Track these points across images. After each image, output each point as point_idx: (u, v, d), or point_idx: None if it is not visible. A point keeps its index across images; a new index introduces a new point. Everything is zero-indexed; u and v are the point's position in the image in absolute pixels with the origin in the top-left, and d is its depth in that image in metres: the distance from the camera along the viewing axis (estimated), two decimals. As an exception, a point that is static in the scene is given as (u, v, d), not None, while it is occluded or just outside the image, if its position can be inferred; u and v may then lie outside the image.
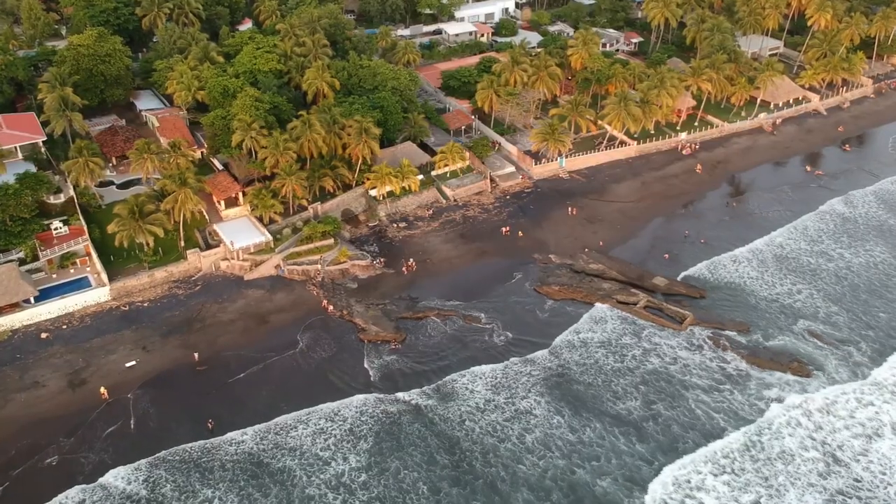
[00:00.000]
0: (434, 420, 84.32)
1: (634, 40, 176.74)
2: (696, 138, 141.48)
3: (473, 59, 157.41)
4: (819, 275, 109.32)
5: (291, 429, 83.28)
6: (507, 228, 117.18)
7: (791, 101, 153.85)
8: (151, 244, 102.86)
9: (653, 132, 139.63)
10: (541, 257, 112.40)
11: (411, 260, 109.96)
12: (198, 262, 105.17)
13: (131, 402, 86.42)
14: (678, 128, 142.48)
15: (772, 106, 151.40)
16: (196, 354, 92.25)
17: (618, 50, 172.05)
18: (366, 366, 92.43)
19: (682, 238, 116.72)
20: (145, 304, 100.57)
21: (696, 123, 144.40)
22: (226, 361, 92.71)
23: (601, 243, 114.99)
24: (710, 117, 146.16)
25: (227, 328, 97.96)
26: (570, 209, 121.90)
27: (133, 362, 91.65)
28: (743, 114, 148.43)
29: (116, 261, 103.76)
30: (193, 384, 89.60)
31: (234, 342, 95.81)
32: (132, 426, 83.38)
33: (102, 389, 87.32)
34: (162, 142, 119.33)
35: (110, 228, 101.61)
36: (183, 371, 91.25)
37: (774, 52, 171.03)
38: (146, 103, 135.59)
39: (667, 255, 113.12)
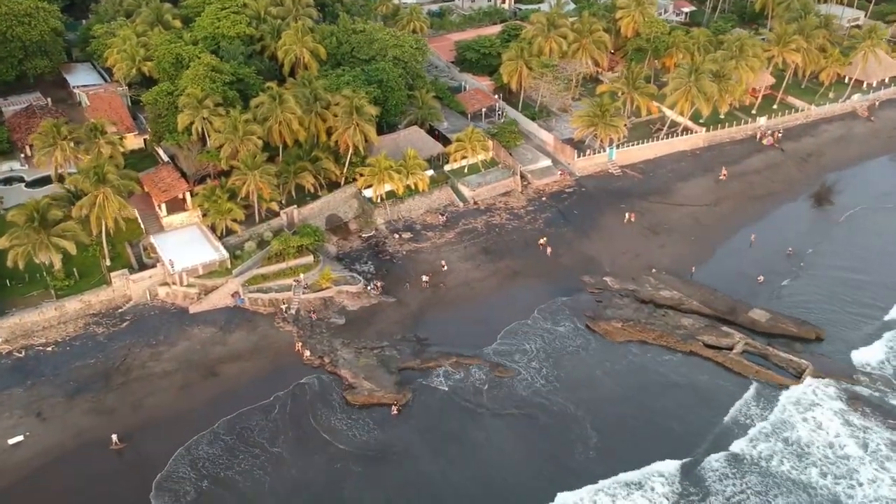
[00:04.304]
0: None
1: (685, 9, 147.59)
2: (778, 124, 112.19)
3: (494, 29, 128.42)
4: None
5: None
6: (545, 241, 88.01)
7: (887, 81, 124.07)
8: (59, 264, 74.25)
9: (722, 117, 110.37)
10: (592, 281, 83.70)
11: (424, 278, 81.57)
12: (126, 288, 76.49)
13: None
14: (753, 111, 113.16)
15: (864, 86, 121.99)
16: (114, 436, 63.83)
17: (666, 21, 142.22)
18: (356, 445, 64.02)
19: (784, 256, 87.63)
20: (49, 349, 72.03)
21: (774, 106, 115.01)
22: (154, 437, 64.53)
23: (672, 262, 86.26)
24: (791, 99, 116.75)
25: (159, 384, 69.88)
26: (626, 215, 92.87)
27: (19, 437, 64.00)
28: (831, 95, 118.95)
29: (14, 287, 75.61)
30: (107, 473, 61.73)
31: (168, 406, 67.95)
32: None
33: (-38, 484, 59.19)
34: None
35: (1, 243, 72.90)
36: (92, 451, 63.50)
37: (855, 24, 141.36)
38: (81, 78, 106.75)
39: (761, 278, 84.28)
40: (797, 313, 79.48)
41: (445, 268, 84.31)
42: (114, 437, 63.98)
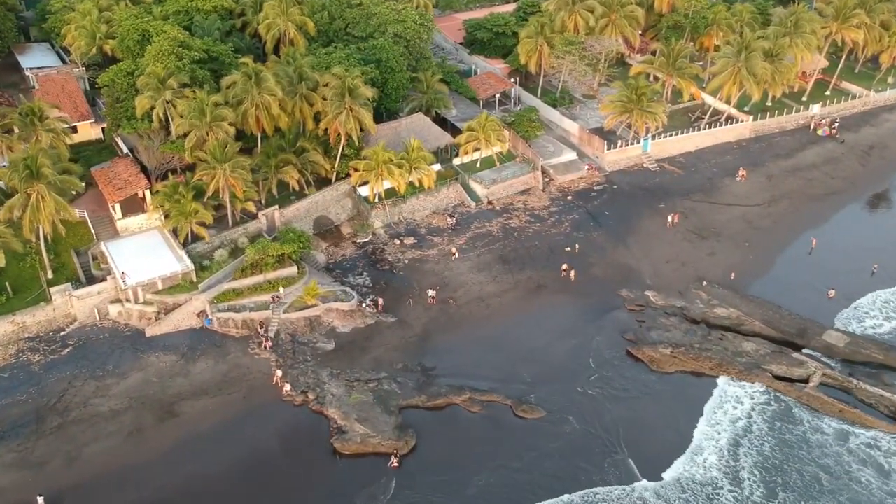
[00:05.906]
0: None
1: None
2: (833, 112, 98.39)
3: (507, 8, 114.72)
4: None
5: None
6: (568, 265, 73.08)
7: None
8: (-15, 278, 61.07)
9: (769, 104, 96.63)
10: (632, 296, 70.09)
11: (431, 292, 68.24)
12: (70, 306, 62.99)
13: None
14: (804, 98, 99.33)
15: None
16: (40, 499, 50.79)
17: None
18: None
19: (859, 268, 73.81)
20: (-31, 383, 58.72)
21: (827, 93, 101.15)
22: (90, 501, 51.32)
23: (728, 274, 72.48)
24: (846, 84, 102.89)
25: (104, 428, 56.77)
26: (669, 217, 79.14)
27: (-80, 500, 50.73)
28: (890, 80, 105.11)
29: (-69, 305, 62.10)
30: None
31: (112, 457, 54.86)
32: None
33: None
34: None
35: (-86, 252, 59.66)
36: (10, 520, 50.49)
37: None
38: (37, 60, 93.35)
39: (832, 293, 70.58)
40: (877, 334, 66.31)
41: (456, 255, 72.28)
42: (40, 500, 50.77)
